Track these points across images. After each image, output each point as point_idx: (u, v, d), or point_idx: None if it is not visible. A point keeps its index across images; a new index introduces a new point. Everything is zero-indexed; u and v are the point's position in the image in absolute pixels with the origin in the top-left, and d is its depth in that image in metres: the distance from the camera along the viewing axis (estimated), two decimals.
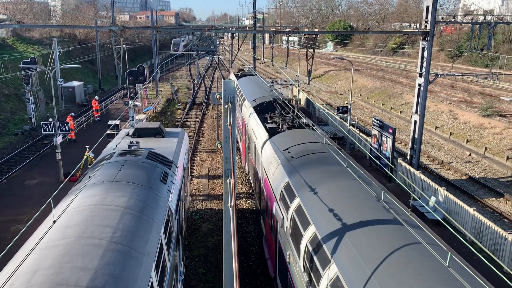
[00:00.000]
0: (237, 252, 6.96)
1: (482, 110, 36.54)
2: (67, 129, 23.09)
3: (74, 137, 30.68)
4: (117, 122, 24.35)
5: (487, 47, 27.86)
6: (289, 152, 14.26)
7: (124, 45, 48.77)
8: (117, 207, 9.65)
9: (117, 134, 18.22)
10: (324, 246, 8.82)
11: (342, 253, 8.32)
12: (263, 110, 21.25)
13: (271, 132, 17.06)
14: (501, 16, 34.54)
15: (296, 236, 10.53)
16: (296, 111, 19.73)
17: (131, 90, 32.40)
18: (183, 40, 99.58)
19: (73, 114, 31.56)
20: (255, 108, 21.68)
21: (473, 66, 66.23)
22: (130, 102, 20.69)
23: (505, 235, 15.89)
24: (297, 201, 11.25)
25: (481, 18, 29.41)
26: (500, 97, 18.73)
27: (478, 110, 37.29)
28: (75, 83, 45.93)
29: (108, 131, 23.33)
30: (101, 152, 15.54)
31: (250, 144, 20.63)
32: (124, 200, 10.03)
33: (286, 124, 17.66)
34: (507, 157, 28.36)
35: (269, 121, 19.05)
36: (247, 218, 20.03)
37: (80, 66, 39.48)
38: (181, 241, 14.06)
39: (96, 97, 39.69)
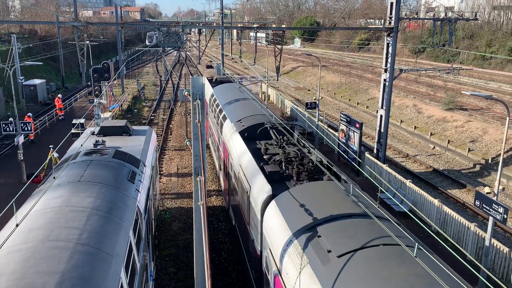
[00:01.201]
0: (209, 250, 6.90)
1: (444, 104, 37.71)
2: (28, 129, 22.30)
3: (32, 138, 29.54)
4: (82, 120, 23.75)
5: (448, 42, 28.72)
6: (329, 252, 8.10)
7: (87, 42, 47.49)
8: (84, 208, 9.39)
9: (82, 133, 17.74)
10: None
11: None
12: (254, 136, 16.16)
13: (276, 184, 11.55)
14: (461, 13, 35.70)
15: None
16: (302, 140, 15.00)
17: (96, 88, 31.60)
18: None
19: (30, 114, 30.42)
20: (242, 133, 16.33)
21: (436, 61, 68.29)
22: (95, 100, 20.20)
23: (468, 225, 16.48)
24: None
25: (442, 15, 30.29)
26: (462, 91, 19.37)
27: (440, 104, 38.46)
28: (37, 81, 44.44)
29: (73, 130, 22.62)
30: (65, 152, 15.09)
31: (237, 187, 14.81)
32: (91, 200, 9.78)
33: (295, 165, 12.25)
34: (469, 149, 29.40)
35: (265, 157, 13.76)
36: (217, 216, 19.95)
37: (41, 63, 38.16)
38: (151, 241, 13.85)
39: (60, 95, 38.52)
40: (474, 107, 38.09)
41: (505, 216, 12.56)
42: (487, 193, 14.30)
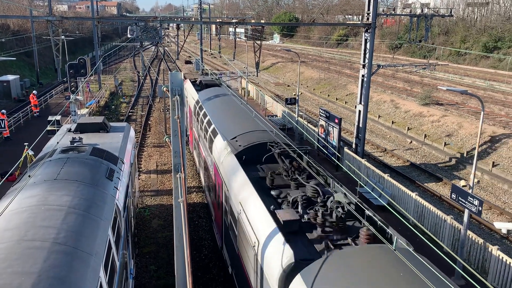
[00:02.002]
0: (189, 247, 6.86)
1: (421, 99, 38.37)
2: (2, 126, 21.73)
3: (8, 134, 28.73)
4: (58, 117, 23.25)
5: (425, 38, 29.23)
6: None
7: (63, 37, 46.46)
8: (61, 206, 9.20)
9: (58, 130, 17.37)
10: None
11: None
12: (254, 159, 13.21)
13: (296, 242, 8.72)
14: (437, 9, 36.32)
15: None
16: (317, 166, 11.94)
17: (72, 84, 30.98)
18: None
19: (4, 111, 29.59)
20: (239, 156, 13.24)
21: (412, 57, 69.39)
22: (72, 96, 19.80)
23: (444, 217, 16.83)
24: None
25: (418, 11, 30.79)
26: (438, 87, 19.70)
27: (417, 99, 39.11)
28: (10, 77, 43.27)
29: (49, 127, 22.25)
30: (41, 149, 14.75)
31: (236, 231, 11.43)
32: (68, 199, 9.59)
33: (318, 210, 9.27)
34: (445, 143, 30.00)
35: (273, 192, 10.92)
36: (198, 212, 19.86)
37: (14, 58, 37.25)
38: (131, 239, 13.69)
39: (34, 92, 37.60)
40: (450, 102, 38.88)
41: (480, 209, 12.87)
42: (463, 186, 14.64)
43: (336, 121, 24.07)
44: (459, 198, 13.58)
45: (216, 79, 27.22)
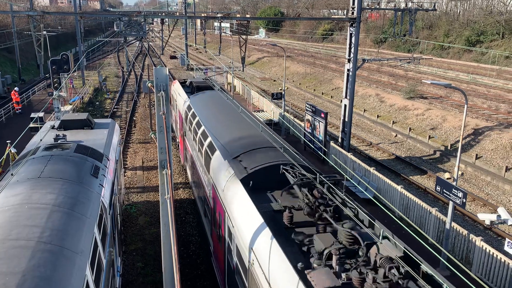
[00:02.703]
0: (176, 243, 6.82)
1: (405, 93, 38.72)
2: None
3: None
4: (41, 114, 22.89)
5: (409, 32, 29.47)
6: None
7: (44, 32, 45.67)
8: (45, 205, 9.07)
9: (41, 127, 17.09)
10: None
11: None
12: (264, 186, 10.81)
13: None
14: (421, 3, 36.65)
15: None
16: (354, 204, 9.26)
17: (55, 80, 30.47)
18: None
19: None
20: (245, 181, 10.72)
21: (397, 51, 69.92)
22: (55, 92, 19.49)
23: (430, 210, 17.05)
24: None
25: (403, 5, 31.04)
26: (422, 80, 19.92)
27: (402, 93, 39.46)
28: None
29: (31, 124, 21.87)
30: (24, 147, 14.51)
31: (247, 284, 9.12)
32: (52, 197, 9.45)
33: (366, 274, 6.90)
34: (429, 136, 30.36)
35: (295, 237, 8.57)
36: (185, 208, 19.79)
37: None
38: (117, 236, 13.58)
39: (16, 88, 36.94)
40: (434, 95, 39.32)
41: (464, 201, 13.06)
42: (447, 178, 14.83)
43: (322, 115, 24.16)
44: (444, 190, 13.76)
45: (207, 79, 25.08)
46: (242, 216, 9.56)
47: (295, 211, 9.28)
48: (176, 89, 24.50)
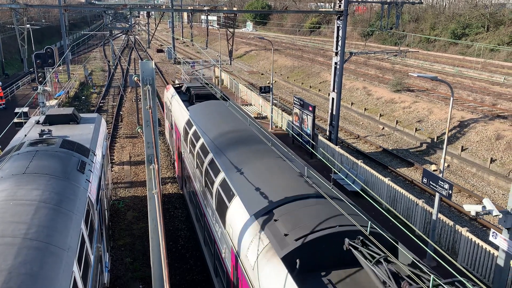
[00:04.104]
0: (165, 238, 6.79)
1: (392, 86, 38.97)
2: None
3: None
4: (26, 109, 22.49)
5: (396, 26, 29.58)
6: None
7: (28, 26, 44.84)
8: (31, 201, 8.95)
9: (26, 122, 16.84)
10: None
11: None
12: (319, 265, 7.58)
13: None
14: None
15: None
16: None
17: (39, 74, 30.03)
18: None
19: None
20: (289, 260, 7.40)
21: (384, 44, 70.27)
22: (39, 87, 19.17)
23: (416, 201, 17.24)
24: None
25: None
26: (409, 73, 20.04)
27: (389, 86, 39.71)
28: None
29: (16, 120, 21.53)
30: (8, 143, 14.28)
31: None
32: (38, 193, 9.33)
33: None
34: (416, 129, 30.64)
35: None
36: (173, 203, 19.71)
37: None
38: (105, 232, 13.49)
39: None
40: (420, 88, 39.65)
41: (450, 192, 13.23)
42: (434, 170, 14.98)
43: (310, 109, 24.20)
44: (430, 182, 13.92)
45: (207, 84, 21.41)
46: None
47: None
48: (170, 96, 21.13)
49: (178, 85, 23.07)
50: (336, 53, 25.26)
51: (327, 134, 27.14)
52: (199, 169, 13.44)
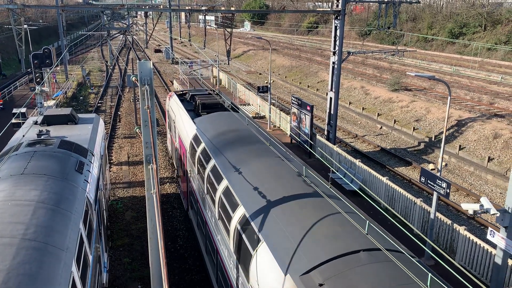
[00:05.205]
0: (163, 238, 6.80)
1: (390, 85, 39.02)
2: None
3: None
4: (23, 109, 22.43)
5: (393, 25, 29.62)
6: None
7: (25, 26, 44.77)
8: (29, 201, 8.95)
9: (23, 123, 16.83)
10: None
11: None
12: None
13: None
14: None
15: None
16: None
17: (37, 75, 29.99)
18: None
19: None
20: None
21: (381, 43, 70.35)
22: (37, 87, 19.14)
23: (414, 200, 17.27)
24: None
25: None
26: (406, 72, 20.06)
27: (387, 85, 39.75)
28: None
29: (13, 120, 21.47)
30: (6, 143, 14.27)
31: None
32: (36, 193, 9.33)
33: None
34: (413, 128, 30.69)
35: None
36: (172, 203, 19.72)
37: None
38: (103, 232, 13.49)
39: None
40: (418, 87, 39.71)
41: (448, 191, 13.25)
42: (431, 169, 14.98)
43: (308, 108, 24.21)
44: (428, 181, 13.94)
45: (213, 92, 19.61)
46: None
47: None
48: (174, 105, 19.40)
49: (182, 92, 21.58)
50: (334, 53, 25.28)
51: (325, 134, 27.16)
52: (210, 196, 11.42)
